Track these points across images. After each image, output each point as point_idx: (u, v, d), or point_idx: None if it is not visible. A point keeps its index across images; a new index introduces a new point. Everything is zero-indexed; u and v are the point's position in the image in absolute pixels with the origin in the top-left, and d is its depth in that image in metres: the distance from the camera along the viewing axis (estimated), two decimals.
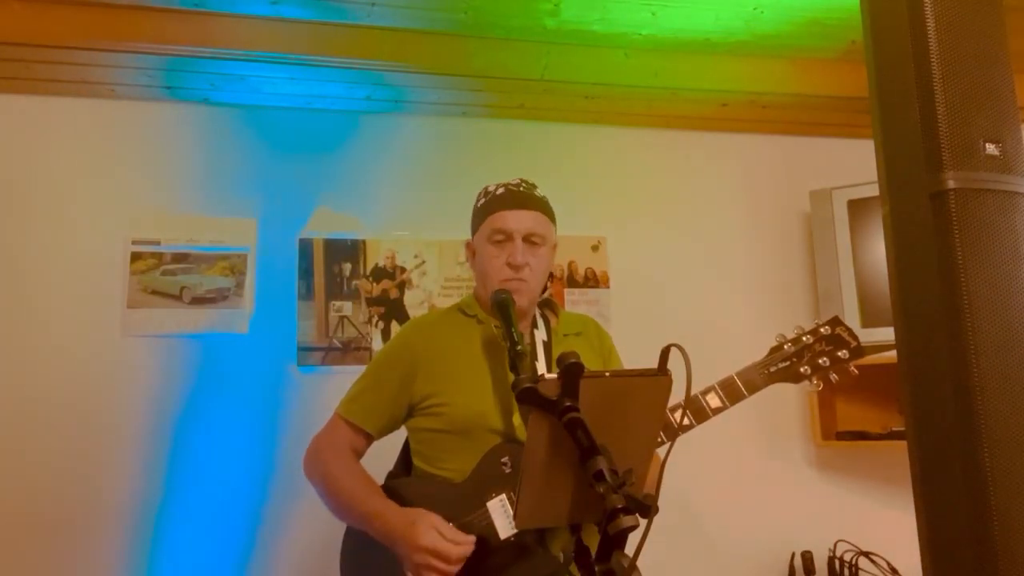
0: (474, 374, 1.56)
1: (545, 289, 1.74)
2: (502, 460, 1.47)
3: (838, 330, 1.61)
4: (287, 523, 2.31)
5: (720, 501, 2.60)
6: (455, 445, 1.52)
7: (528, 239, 1.58)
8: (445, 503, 1.45)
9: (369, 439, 1.61)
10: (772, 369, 1.60)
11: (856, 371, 1.62)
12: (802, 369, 1.60)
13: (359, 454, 1.61)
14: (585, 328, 1.74)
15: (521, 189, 1.63)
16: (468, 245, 1.70)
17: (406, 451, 1.68)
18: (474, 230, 1.67)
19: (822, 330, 1.62)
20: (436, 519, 1.40)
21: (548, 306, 1.73)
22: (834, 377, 1.61)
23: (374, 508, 1.47)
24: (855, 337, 1.61)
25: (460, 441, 1.52)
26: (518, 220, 1.58)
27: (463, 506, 1.45)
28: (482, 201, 1.65)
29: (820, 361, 1.60)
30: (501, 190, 1.63)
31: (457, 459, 1.52)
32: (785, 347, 1.62)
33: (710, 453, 2.52)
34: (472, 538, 1.40)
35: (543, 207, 1.63)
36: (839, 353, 1.60)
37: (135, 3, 2.13)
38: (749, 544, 2.60)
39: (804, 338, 1.62)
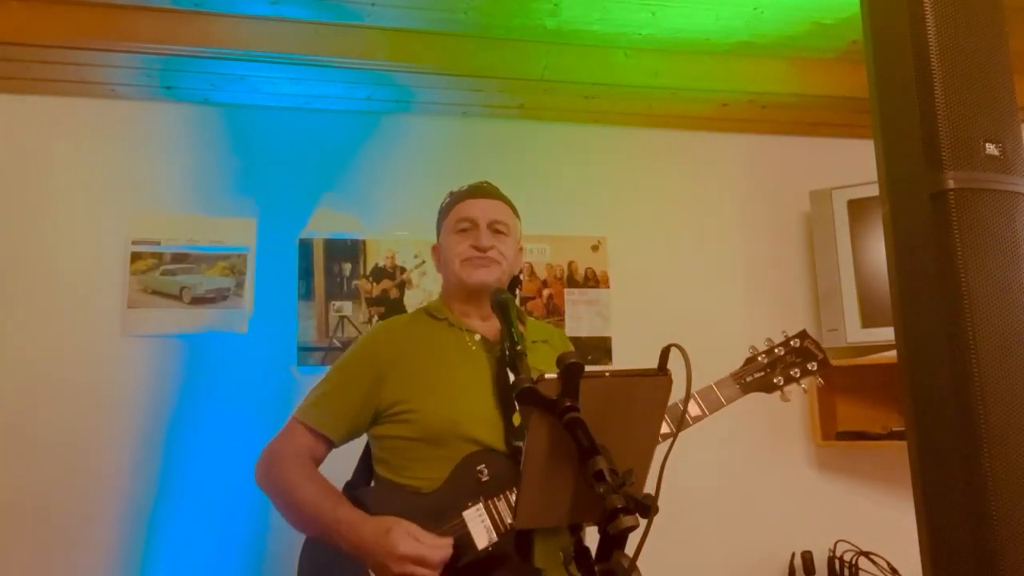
0: (446, 380, 1.53)
1: (515, 296, 1.74)
2: (478, 468, 1.44)
3: (806, 343, 1.71)
4: (288, 525, 2.31)
5: (720, 501, 2.60)
6: (425, 454, 1.48)
7: (493, 227, 1.59)
8: (416, 513, 1.40)
9: (330, 446, 1.54)
10: (748, 379, 1.67)
11: (822, 382, 1.73)
12: (775, 380, 1.68)
13: (318, 461, 1.53)
14: (551, 337, 1.75)
15: (484, 185, 1.66)
16: (435, 249, 1.69)
17: (366, 460, 1.62)
18: (439, 229, 1.67)
19: (792, 343, 1.70)
20: (411, 526, 1.36)
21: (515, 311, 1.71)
22: (804, 387, 1.71)
23: (344, 517, 1.40)
24: (822, 350, 1.71)
25: (430, 449, 1.47)
26: (482, 208, 1.59)
27: (436, 516, 1.41)
28: (446, 201, 1.67)
29: (791, 372, 1.69)
30: (465, 187, 1.66)
31: (427, 468, 1.47)
32: (759, 358, 1.70)
33: (710, 453, 2.52)
34: (450, 540, 1.37)
35: (507, 201, 1.66)
36: (808, 365, 1.70)
37: (135, 3, 2.12)
38: (749, 544, 2.60)
39: (776, 350, 1.70)
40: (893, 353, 1.20)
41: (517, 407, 1.48)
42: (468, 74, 2.41)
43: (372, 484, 1.60)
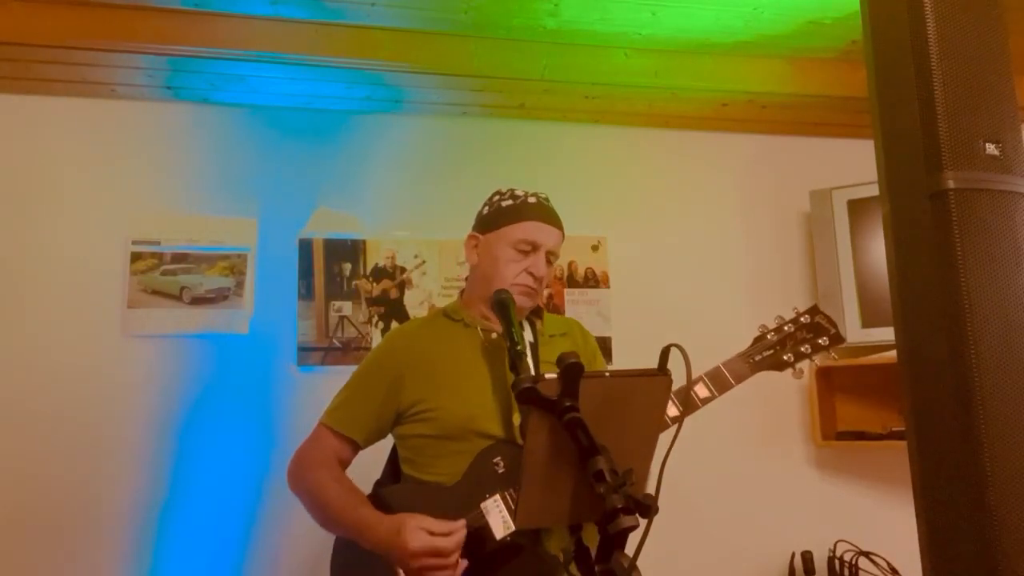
0: (462, 378, 1.56)
1: None
2: (494, 460, 1.46)
3: (817, 318, 1.65)
4: (287, 524, 2.31)
5: (720, 501, 2.60)
6: (445, 450, 1.52)
7: (548, 256, 1.61)
8: (437, 507, 1.43)
9: (356, 448, 1.59)
10: (757, 358, 1.62)
11: (836, 357, 1.67)
12: (785, 357, 1.63)
13: (345, 464, 1.59)
14: (570, 329, 1.75)
15: (549, 207, 1.65)
16: (473, 237, 1.65)
17: (393, 459, 1.66)
18: (491, 227, 1.62)
19: (802, 319, 1.65)
20: (420, 519, 1.38)
21: (532, 310, 1.71)
22: (816, 362, 1.65)
23: (362, 519, 1.44)
24: (834, 324, 1.65)
25: (450, 445, 1.51)
26: (548, 235, 1.61)
27: (456, 508, 1.44)
28: (508, 203, 1.62)
29: (802, 348, 1.63)
30: (532, 199, 1.62)
31: (447, 463, 1.50)
32: (768, 336, 1.65)
33: (710, 453, 2.52)
34: (461, 522, 1.39)
35: (563, 228, 1.67)
36: (819, 340, 1.64)
37: (135, 3, 2.13)
38: (749, 544, 2.60)
39: (786, 327, 1.65)
40: (893, 353, 1.21)
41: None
42: (468, 74, 2.41)
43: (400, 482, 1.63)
